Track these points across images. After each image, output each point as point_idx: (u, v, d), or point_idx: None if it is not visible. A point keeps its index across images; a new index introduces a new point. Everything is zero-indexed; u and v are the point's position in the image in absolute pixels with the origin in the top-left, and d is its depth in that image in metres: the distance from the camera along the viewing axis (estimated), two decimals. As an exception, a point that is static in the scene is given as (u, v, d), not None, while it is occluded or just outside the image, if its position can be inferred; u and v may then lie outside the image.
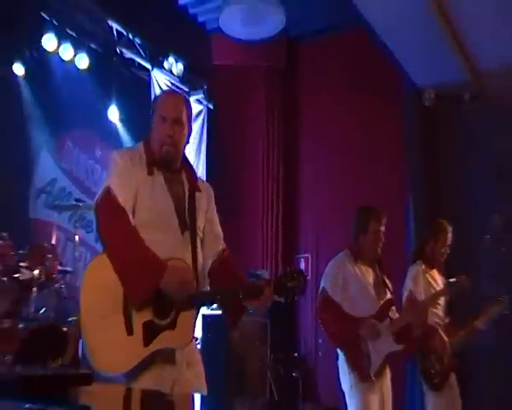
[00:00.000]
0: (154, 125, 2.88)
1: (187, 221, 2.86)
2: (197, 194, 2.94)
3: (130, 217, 2.75)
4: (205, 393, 2.90)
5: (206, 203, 2.99)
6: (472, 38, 5.52)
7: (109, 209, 2.78)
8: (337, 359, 4.24)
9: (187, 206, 2.89)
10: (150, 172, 2.83)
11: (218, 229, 3.07)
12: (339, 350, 4.21)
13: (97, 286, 2.71)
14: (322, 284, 4.30)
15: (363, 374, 4.05)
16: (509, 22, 5.13)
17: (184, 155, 2.99)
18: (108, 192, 2.76)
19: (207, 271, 2.97)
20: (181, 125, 2.88)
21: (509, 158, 5.39)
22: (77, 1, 5.95)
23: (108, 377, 2.69)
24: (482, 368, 5.50)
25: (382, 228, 4.27)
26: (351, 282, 4.21)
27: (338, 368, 4.23)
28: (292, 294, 2.80)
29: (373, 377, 4.06)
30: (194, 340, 2.91)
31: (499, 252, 5.20)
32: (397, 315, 4.30)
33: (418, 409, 5.21)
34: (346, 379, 4.14)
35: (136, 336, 2.64)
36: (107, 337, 2.64)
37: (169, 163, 2.88)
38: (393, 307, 4.31)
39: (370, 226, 4.26)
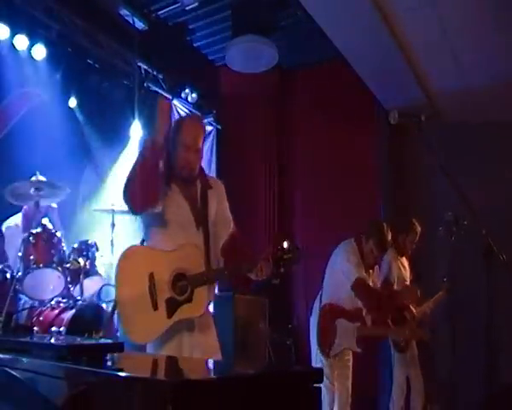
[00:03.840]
0: (177, 148, 2.84)
1: (201, 218, 2.85)
2: (209, 191, 2.93)
3: None
4: (219, 356, 2.87)
5: (217, 195, 2.97)
6: (424, 70, 5.58)
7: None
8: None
9: (200, 204, 2.87)
10: (167, 185, 2.83)
11: (228, 214, 3.04)
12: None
13: (128, 273, 2.74)
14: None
15: (324, 350, 4.17)
16: (453, 57, 5.24)
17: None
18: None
19: (220, 250, 2.93)
20: (199, 152, 2.89)
21: (455, 164, 5.50)
22: (114, 49, 6.06)
23: (138, 347, 2.76)
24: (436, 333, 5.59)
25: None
26: (346, 275, 4.22)
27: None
28: (288, 265, 2.75)
29: (330, 358, 4.17)
30: (208, 312, 2.94)
31: (450, 242, 5.27)
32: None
33: (388, 364, 5.30)
34: (313, 343, 4.27)
35: (161, 310, 2.67)
36: (137, 314, 2.68)
37: (186, 180, 2.88)
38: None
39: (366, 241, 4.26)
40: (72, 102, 5.64)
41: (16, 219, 4.83)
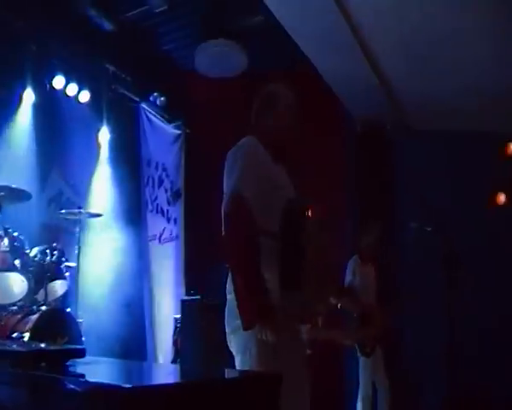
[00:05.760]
0: (281, 112, 2.80)
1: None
2: None
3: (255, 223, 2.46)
4: None
5: None
6: (391, 79, 5.64)
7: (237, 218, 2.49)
8: None
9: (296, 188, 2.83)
10: (275, 160, 2.72)
11: None
12: None
13: None
14: None
15: None
16: (420, 66, 5.30)
17: None
18: (236, 199, 2.50)
19: None
20: None
21: (421, 172, 5.58)
22: (81, 50, 5.96)
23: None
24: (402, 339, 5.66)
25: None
26: None
27: None
28: None
29: None
30: None
31: (417, 248, 5.29)
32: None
33: (354, 369, 5.33)
34: None
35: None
36: None
37: (291, 155, 2.88)
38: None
39: None
40: (38, 103, 5.51)
41: None
